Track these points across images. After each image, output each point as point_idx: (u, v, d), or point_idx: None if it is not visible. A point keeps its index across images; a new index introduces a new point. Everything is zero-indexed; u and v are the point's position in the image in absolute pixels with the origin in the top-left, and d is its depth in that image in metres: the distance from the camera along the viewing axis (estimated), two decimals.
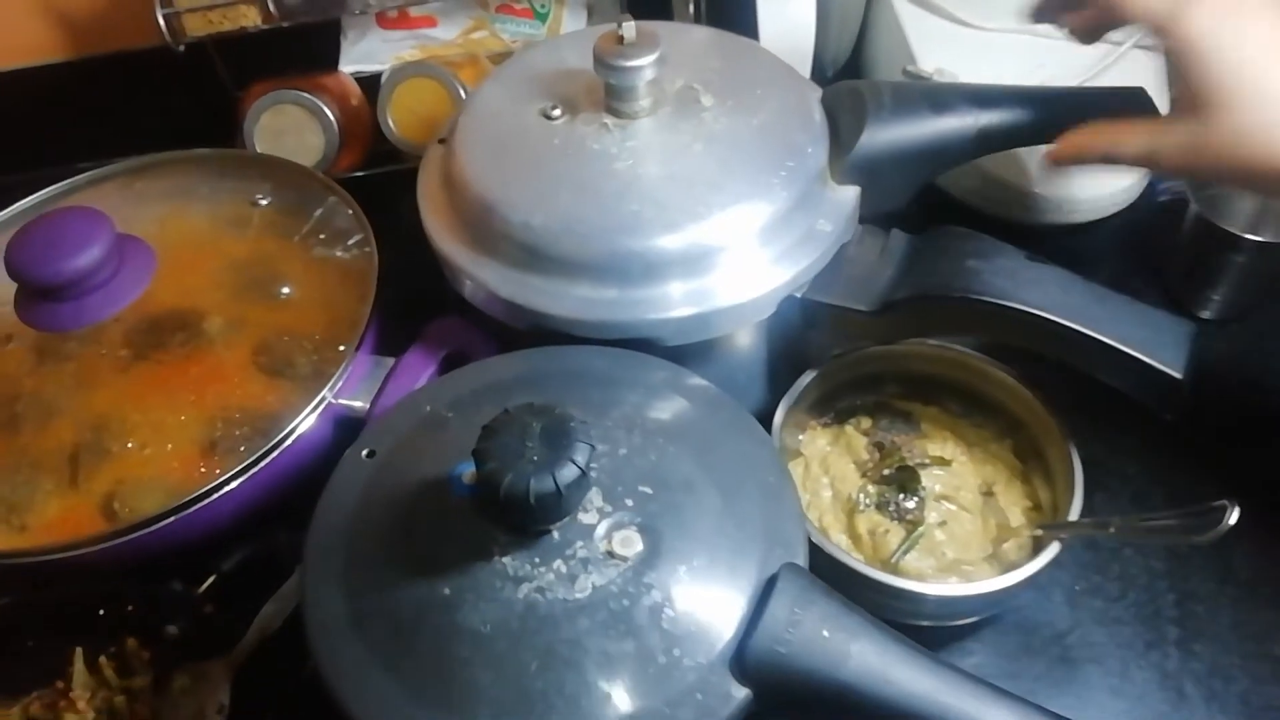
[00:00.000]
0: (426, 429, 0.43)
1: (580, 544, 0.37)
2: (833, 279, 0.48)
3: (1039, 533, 0.47)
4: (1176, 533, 0.39)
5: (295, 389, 0.50)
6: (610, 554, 0.36)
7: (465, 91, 0.68)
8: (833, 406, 0.54)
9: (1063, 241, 0.64)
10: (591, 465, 0.37)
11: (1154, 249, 0.63)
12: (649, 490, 0.38)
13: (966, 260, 0.46)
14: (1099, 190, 0.63)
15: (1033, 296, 0.44)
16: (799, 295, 0.48)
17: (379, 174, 0.71)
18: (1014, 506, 0.50)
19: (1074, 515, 0.45)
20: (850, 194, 0.49)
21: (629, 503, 0.38)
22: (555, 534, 0.37)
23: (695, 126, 0.49)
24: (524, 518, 0.36)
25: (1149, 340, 0.42)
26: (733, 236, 0.46)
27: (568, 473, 0.34)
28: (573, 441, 0.35)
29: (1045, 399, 0.50)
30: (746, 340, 0.50)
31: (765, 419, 0.49)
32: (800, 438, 0.53)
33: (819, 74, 0.66)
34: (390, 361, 0.52)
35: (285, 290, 0.55)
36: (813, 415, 0.54)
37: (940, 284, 0.46)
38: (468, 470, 0.39)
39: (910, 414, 0.53)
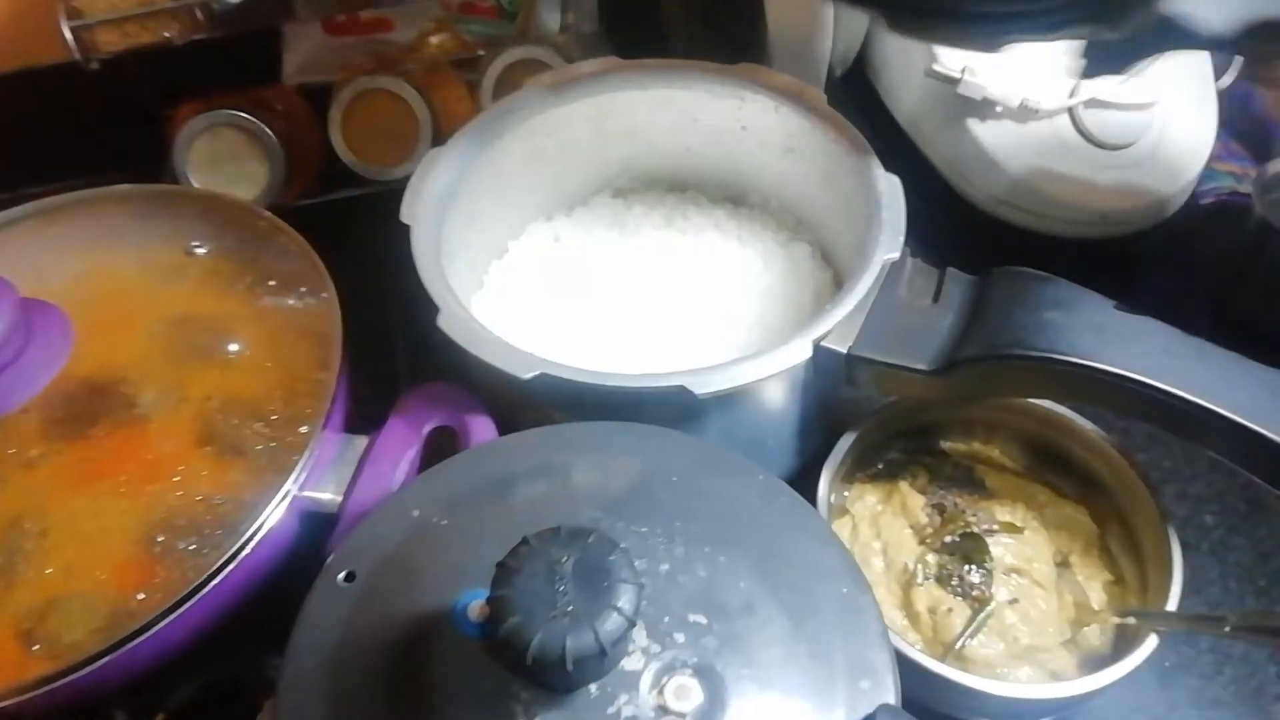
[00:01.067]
0: (416, 542, 0.35)
1: (624, 698, 0.29)
2: (881, 331, 0.41)
3: (1130, 620, 0.41)
4: None
5: (251, 480, 0.41)
6: (663, 709, 0.29)
7: (427, 104, 0.60)
8: (882, 457, 0.48)
9: (1102, 257, 0.58)
10: None
11: (1206, 262, 0.57)
12: (702, 619, 0.31)
13: (1044, 311, 0.39)
14: (1141, 199, 0.57)
15: (1127, 357, 0.37)
16: (844, 350, 0.41)
17: (335, 200, 0.62)
18: (1093, 580, 0.44)
19: (1172, 604, 0.39)
20: None
21: (679, 638, 0.31)
22: (593, 687, 0.29)
23: None
24: (557, 679, 0.28)
25: (1268, 409, 0.36)
26: None
27: (612, 626, 0.27)
28: (615, 581, 0.27)
29: (1129, 457, 0.44)
30: (779, 400, 0.43)
31: (799, 482, 0.43)
32: (846, 493, 0.47)
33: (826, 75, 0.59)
34: (363, 441, 0.44)
35: (233, 349, 0.47)
36: (860, 467, 0.47)
37: (1015, 340, 0.39)
38: (474, 602, 0.32)
39: (972, 469, 0.47)
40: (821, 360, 0.41)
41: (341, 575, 0.34)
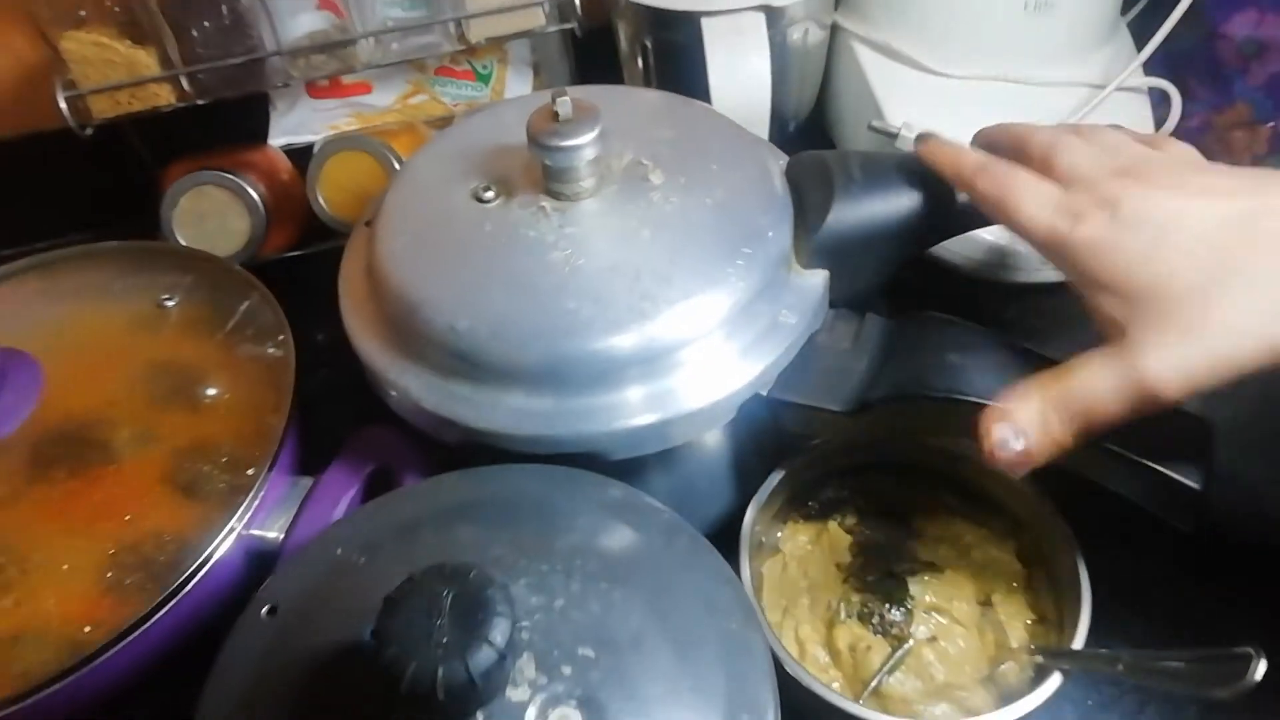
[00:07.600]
0: (336, 579, 0.37)
1: None
2: (800, 374, 0.43)
3: (1039, 659, 0.42)
4: (1192, 682, 0.34)
5: (200, 519, 0.44)
6: None
7: (399, 164, 0.63)
8: (817, 496, 0.49)
9: (1043, 302, 0.59)
10: (523, 626, 0.32)
11: None
12: (590, 653, 0.33)
13: (947, 354, 0.41)
14: None
15: None
16: (764, 394, 0.43)
17: (316, 253, 0.66)
18: (1015, 620, 0.45)
19: (1078, 643, 0.40)
20: (818, 280, 0.44)
21: (566, 671, 0.32)
22: (480, 716, 0.31)
23: (643, 209, 0.44)
24: (434, 710, 0.30)
25: (1161, 445, 0.37)
26: (684, 335, 0.41)
27: (483, 657, 0.28)
28: (490, 615, 0.29)
29: (1050, 500, 0.45)
30: (708, 444, 0.45)
31: (736, 521, 0.44)
32: (779, 534, 0.48)
33: (779, 130, 0.61)
34: (308, 482, 0.46)
35: (197, 396, 0.50)
36: (794, 507, 0.49)
37: (918, 381, 0.41)
38: None
39: (902, 509, 0.48)
40: (745, 405, 0.43)
41: (264, 610, 0.37)
